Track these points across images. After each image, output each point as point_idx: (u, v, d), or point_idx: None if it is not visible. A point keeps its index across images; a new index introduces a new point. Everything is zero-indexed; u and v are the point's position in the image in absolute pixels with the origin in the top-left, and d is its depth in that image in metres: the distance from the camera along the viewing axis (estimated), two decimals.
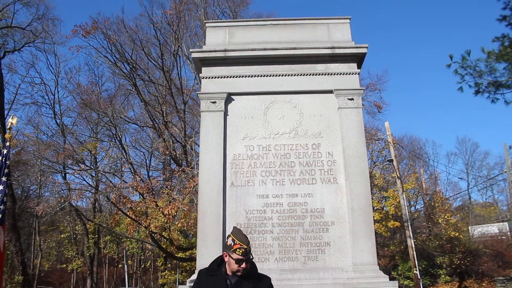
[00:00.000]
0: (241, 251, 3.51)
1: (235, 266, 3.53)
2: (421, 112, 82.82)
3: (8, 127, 5.23)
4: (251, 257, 3.60)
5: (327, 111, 6.78)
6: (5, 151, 4.97)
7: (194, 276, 5.38)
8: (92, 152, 30.54)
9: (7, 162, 5.07)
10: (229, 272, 3.61)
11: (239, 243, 3.55)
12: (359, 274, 5.86)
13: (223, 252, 3.70)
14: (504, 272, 29.46)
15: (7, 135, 5.38)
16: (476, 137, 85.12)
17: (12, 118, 5.17)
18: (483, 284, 29.60)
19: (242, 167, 6.42)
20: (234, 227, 3.80)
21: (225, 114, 6.73)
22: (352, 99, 6.77)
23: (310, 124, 6.66)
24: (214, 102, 6.75)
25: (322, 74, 6.95)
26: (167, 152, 22.35)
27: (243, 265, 3.52)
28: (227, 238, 3.66)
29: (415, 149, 43.86)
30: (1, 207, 4.69)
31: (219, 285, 3.56)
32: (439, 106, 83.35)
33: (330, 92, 6.84)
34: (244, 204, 6.23)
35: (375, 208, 27.22)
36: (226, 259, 3.61)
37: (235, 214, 6.12)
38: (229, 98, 6.81)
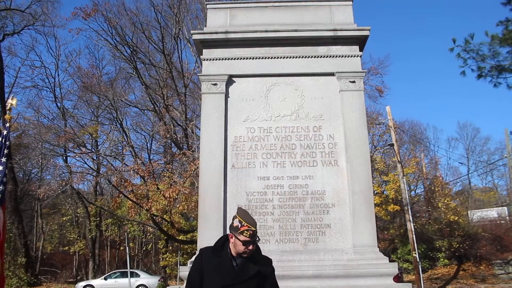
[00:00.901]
0: (248, 233, 3.48)
1: (241, 248, 3.51)
2: (423, 97, 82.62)
3: (8, 108, 5.21)
4: (258, 239, 3.60)
5: (329, 93, 6.75)
6: (5, 132, 4.96)
7: (194, 258, 5.41)
8: (93, 136, 30.55)
9: (7, 143, 5.06)
10: (233, 253, 3.60)
11: (247, 225, 3.51)
12: (359, 256, 5.90)
13: (229, 233, 3.68)
14: (502, 256, 29.72)
15: (7, 116, 5.37)
16: (477, 122, 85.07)
17: (11, 99, 5.15)
18: (481, 267, 29.87)
19: (243, 149, 6.43)
20: (239, 208, 3.77)
21: (226, 96, 6.70)
22: (353, 81, 6.74)
23: (312, 106, 6.64)
24: (215, 84, 6.73)
25: (324, 56, 6.91)
26: (168, 136, 22.38)
27: (250, 247, 3.50)
28: (233, 219, 3.61)
29: (416, 134, 43.87)
30: (1, 187, 4.69)
31: (225, 266, 3.55)
32: (440, 91, 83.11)
33: (332, 74, 6.80)
34: (245, 186, 6.25)
35: (375, 192, 27.32)
36: (232, 240, 3.59)
37: (236, 196, 6.15)
38: (230, 80, 6.78)
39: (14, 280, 31.60)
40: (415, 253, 23.44)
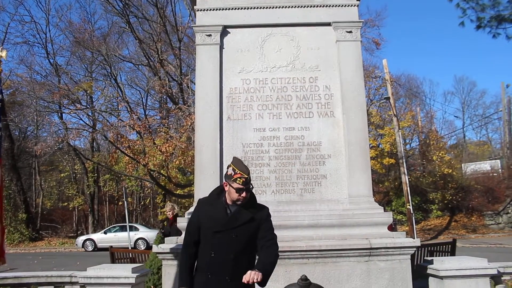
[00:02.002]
0: (241, 180, 3.56)
1: (235, 195, 3.59)
2: (420, 51, 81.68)
3: None
4: (251, 186, 3.67)
5: (325, 44, 6.63)
6: None
7: (191, 209, 5.48)
8: (88, 92, 30.26)
9: (0, 96, 4.99)
10: (229, 202, 3.68)
11: (240, 173, 3.58)
12: (355, 206, 5.98)
13: (223, 182, 3.76)
14: (493, 207, 30.39)
15: None
16: (474, 76, 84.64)
17: (1, 51, 5.03)
18: (473, 218, 30.60)
19: (239, 100, 6.37)
20: (234, 157, 3.83)
21: (221, 47, 6.58)
22: (350, 32, 6.62)
23: (308, 57, 6.54)
24: (210, 35, 6.59)
25: (320, 6, 6.74)
26: (163, 90, 22.21)
27: (243, 194, 3.58)
28: (228, 168, 3.70)
29: (412, 88, 43.73)
30: None
31: (219, 214, 3.64)
32: (437, 45, 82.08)
33: (328, 24, 6.66)
34: (241, 138, 6.25)
35: (370, 145, 27.50)
36: (226, 188, 3.67)
37: (232, 148, 6.15)
38: (224, 31, 6.64)
39: (16, 235, 32.23)
40: (409, 205, 23.91)
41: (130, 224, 24.10)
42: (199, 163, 6.15)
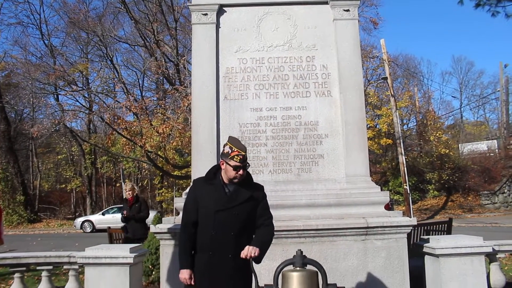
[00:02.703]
0: (239, 158, 3.58)
1: (232, 173, 3.60)
2: (418, 30, 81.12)
3: None
4: (248, 164, 3.67)
5: (322, 23, 6.55)
6: None
7: (188, 190, 5.47)
8: (84, 73, 30.06)
9: None
10: (225, 180, 3.69)
11: (237, 150, 3.61)
12: (352, 185, 5.99)
13: (220, 160, 3.76)
14: (489, 187, 30.63)
15: None
16: (472, 55, 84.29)
17: None
18: (469, 198, 30.87)
19: (235, 80, 6.32)
20: (230, 136, 3.84)
21: (217, 26, 6.49)
22: (348, 10, 6.53)
23: (305, 36, 6.46)
24: (206, 14, 6.50)
25: None
26: (159, 71, 22.03)
27: (240, 172, 3.60)
28: (224, 147, 3.71)
29: (410, 68, 43.55)
30: None
31: (217, 193, 3.65)
32: (436, 24, 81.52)
33: (326, 3, 6.57)
34: (238, 118, 6.21)
35: (368, 126, 27.47)
36: (223, 167, 3.68)
37: (229, 128, 6.12)
38: (221, 10, 6.54)
39: (15, 217, 32.37)
40: (406, 185, 24.07)
41: None
42: (195, 143, 6.13)
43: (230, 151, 3.62)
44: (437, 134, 31.61)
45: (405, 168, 24.14)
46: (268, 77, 6.33)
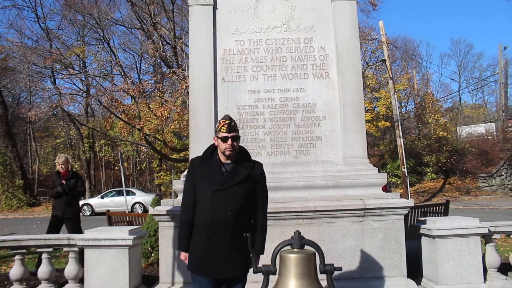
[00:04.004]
0: (225, 128, 3.56)
1: (222, 146, 3.59)
2: (416, 12, 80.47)
3: None
4: (238, 135, 3.64)
5: (320, 4, 6.48)
6: None
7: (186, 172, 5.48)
8: (80, 56, 29.82)
9: None
10: (222, 160, 3.67)
11: (222, 121, 3.62)
12: (349, 167, 6.00)
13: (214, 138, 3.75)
14: (487, 170, 30.75)
15: None
16: (471, 38, 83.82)
17: None
18: (466, 181, 31.00)
19: (233, 62, 6.28)
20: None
21: (214, 8, 6.43)
22: None
23: (303, 17, 6.41)
24: None
25: None
26: (157, 54, 21.88)
27: (229, 142, 3.56)
28: (216, 125, 3.72)
29: (408, 50, 43.33)
30: None
31: (214, 172, 3.63)
32: (435, 6, 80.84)
33: None
34: (236, 100, 6.19)
35: (366, 108, 27.50)
36: (216, 143, 3.67)
37: (227, 110, 6.10)
38: None
39: (14, 201, 32.46)
40: (404, 168, 24.15)
41: (126, 189, 24.27)
42: (193, 125, 6.11)
43: (218, 124, 3.65)
44: (435, 117, 31.61)
45: (403, 151, 24.19)
46: (265, 58, 6.29)
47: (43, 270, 5.95)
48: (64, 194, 7.94)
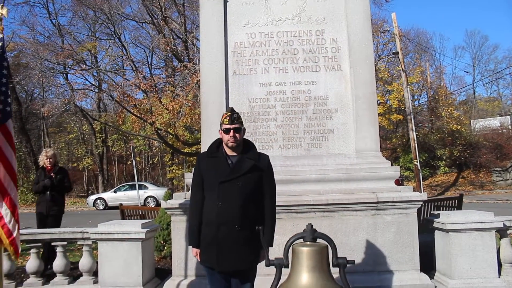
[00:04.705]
0: (227, 120, 3.59)
1: (226, 138, 3.62)
2: (430, 4, 79.49)
3: None
4: (242, 127, 3.66)
5: None
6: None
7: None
8: (92, 52, 30.01)
9: (5, 55, 4.91)
10: (228, 153, 3.69)
11: (225, 114, 3.65)
12: (362, 160, 5.96)
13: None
14: (501, 164, 30.37)
15: None
16: (486, 30, 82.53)
17: (1, 9, 4.90)
18: (480, 175, 30.65)
19: (244, 55, 6.26)
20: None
21: (225, 1, 6.39)
22: None
23: (314, 9, 6.35)
24: None
25: None
26: (168, 49, 21.89)
27: (231, 134, 3.58)
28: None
29: (421, 42, 42.82)
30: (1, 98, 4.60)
31: (220, 165, 3.65)
32: None
33: None
34: (247, 93, 6.17)
35: (378, 101, 27.30)
36: (221, 136, 3.69)
37: (238, 103, 6.09)
38: None
39: (29, 195, 32.88)
40: (417, 161, 23.95)
41: (139, 183, 24.45)
42: (205, 118, 6.11)
43: (222, 117, 3.67)
44: (449, 110, 31.27)
45: (416, 144, 23.99)
46: (277, 51, 6.26)
47: (58, 263, 6.03)
48: (51, 189, 7.61)
